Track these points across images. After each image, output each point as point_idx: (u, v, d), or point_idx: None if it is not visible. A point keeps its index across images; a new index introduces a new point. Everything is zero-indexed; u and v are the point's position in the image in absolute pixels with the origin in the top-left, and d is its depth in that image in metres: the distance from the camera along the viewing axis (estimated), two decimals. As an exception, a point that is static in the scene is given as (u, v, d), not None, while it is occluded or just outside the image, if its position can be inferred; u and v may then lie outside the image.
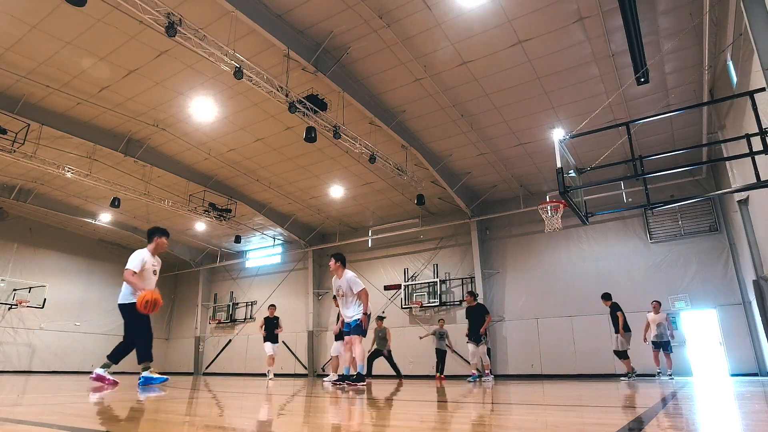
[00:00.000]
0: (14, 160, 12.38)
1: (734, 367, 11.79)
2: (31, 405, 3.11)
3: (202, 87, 10.93)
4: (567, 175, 6.79)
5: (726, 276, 12.49)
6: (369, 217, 18.29)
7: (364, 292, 6.77)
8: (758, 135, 5.89)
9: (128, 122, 12.40)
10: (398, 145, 12.72)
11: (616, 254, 14.16)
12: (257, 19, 8.59)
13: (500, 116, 11.64)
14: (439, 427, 2.16)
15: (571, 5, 8.40)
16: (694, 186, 13.14)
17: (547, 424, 2.24)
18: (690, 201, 12.61)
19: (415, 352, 16.32)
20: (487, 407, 3.29)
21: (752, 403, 3.50)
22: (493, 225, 16.38)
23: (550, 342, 14.32)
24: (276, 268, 21.31)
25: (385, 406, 3.42)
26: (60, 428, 1.96)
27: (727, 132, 9.43)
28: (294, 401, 3.89)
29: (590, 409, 3.11)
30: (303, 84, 10.45)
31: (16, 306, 17.65)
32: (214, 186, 15.72)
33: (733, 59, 8.15)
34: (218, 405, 3.37)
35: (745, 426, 2.20)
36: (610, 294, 11.17)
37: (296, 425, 2.27)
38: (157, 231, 5.98)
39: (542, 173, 14.37)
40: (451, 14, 8.68)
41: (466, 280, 16.22)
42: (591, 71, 9.98)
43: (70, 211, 17.51)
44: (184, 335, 23.31)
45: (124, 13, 8.41)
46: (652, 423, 2.21)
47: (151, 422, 2.24)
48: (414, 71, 10.21)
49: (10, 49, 9.68)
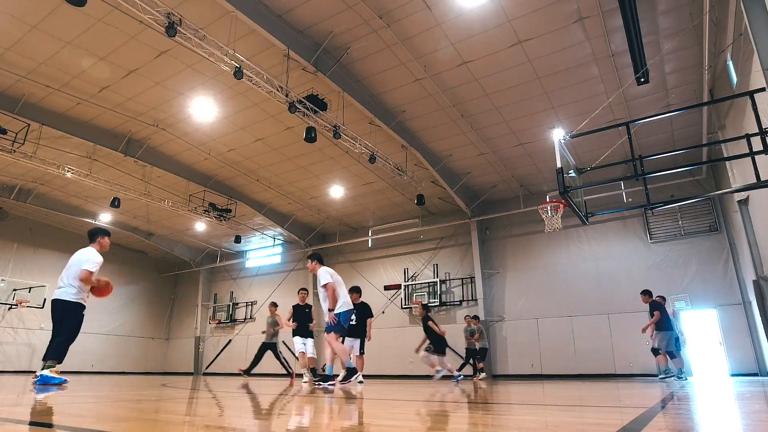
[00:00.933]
0: (14, 160, 12.38)
1: (734, 367, 11.79)
2: (31, 405, 3.11)
3: (202, 87, 10.93)
4: (567, 175, 6.79)
5: (726, 276, 12.49)
6: (369, 217, 18.30)
7: (328, 286, 6.70)
8: (758, 135, 5.88)
9: (128, 122, 12.40)
10: (398, 145, 12.72)
11: (616, 254, 14.16)
12: (257, 19, 8.59)
13: (500, 116, 11.64)
14: (439, 427, 2.16)
15: (571, 5, 8.40)
16: (694, 186, 13.14)
17: (547, 424, 2.24)
18: (690, 201, 12.61)
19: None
20: (486, 407, 3.30)
21: (752, 403, 3.50)
22: (493, 225, 16.38)
23: (550, 342, 14.32)
24: (276, 268, 21.31)
25: (384, 405, 3.42)
26: (60, 428, 1.96)
27: (727, 132, 9.43)
28: (294, 401, 3.89)
29: (590, 409, 3.11)
30: (303, 84, 10.45)
31: (16, 306, 17.66)
32: (214, 186, 15.72)
33: (733, 59, 8.15)
34: (218, 405, 3.37)
35: (745, 426, 2.20)
36: (650, 291, 10.44)
37: (296, 425, 2.27)
38: (100, 231, 6.10)
39: (542, 173, 14.37)
40: (451, 14, 8.68)
41: (466, 280, 16.22)
42: (591, 71, 9.98)
43: (70, 211, 17.51)
44: (184, 335, 23.31)
45: (124, 13, 8.41)
46: (652, 423, 2.21)
47: (151, 422, 2.24)
48: (414, 71, 10.21)
49: (10, 49, 9.68)
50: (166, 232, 20.64)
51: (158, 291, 23.86)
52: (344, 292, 6.96)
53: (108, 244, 6.09)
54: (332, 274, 6.92)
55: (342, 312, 6.78)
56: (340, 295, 6.86)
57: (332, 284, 6.76)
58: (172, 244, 21.84)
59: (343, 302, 6.85)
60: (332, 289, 6.73)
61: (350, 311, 6.98)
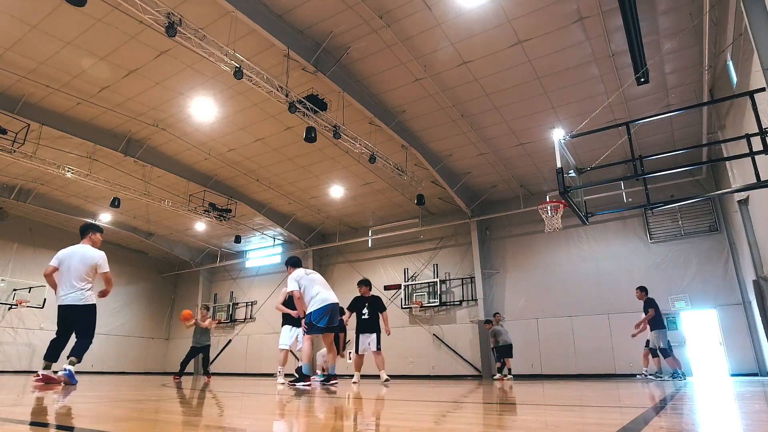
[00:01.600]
0: (14, 160, 12.38)
1: (734, 367, 11.79)
2: (31, 405, 3.11)
3: (202, 87, 10.93)
4: (567, 175, 6.79)
5: (726, 276, 12.49)
6: (369, 217, 18.30)
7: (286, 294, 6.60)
8: (758, 135, 5.88)
9: (128, 122, 12.40)
10: (398, 145, 12.72)
11: (616, 254, 14.16)
12: (257, 19, 8.59)
13: (500, 116, 11.64)
14: (440, 426, 2.16)
15: (571, 5, 8.40)
16: (694, 186, 13.14)
17: (547, 424, 2.24)
18: (690, 201, 12.61)
19: (415, 351, 16.35)
20: (486, 407, 3.30)
21: (752, 403, 3.50)
22: (493, 225, 16.38)
23: (550, 342, 14.31)
24: (276, 268, 21.29)
25: (381, 405, 3.42)
26: (60, 428, 1.96)
27: (727, 132, 9.43)
28: (294, 401, 3.89)
29: (590, 409, 3.11)
30: (303, 84, 10.45)
31: (16, 306, 17.66)
32: (214, 186, 15.72)
33: (733, 59, 8.15)
34: (218, 405, 3.38)
35: (745, 426, 2.20)
36: (647, 288, 10.48)
37: (296, 425, 2.27)
38: (91, 227, 6.06)
39: (542, 173, 14.37)
40: (451, 14, 8.68)
41: (466, 280, 16.23)
42: (591, 71, 9.98)
43: (70, 211, 17.51)
44: (184, 335, 23.25)
45: (124, 13, 8.41)
46: (652, 423, 2.21)
47: (151, 422, 2.24)
48: (414, 71, 10.21)
49: (10, 49, 9.68)
50: (166, 232, 20.64)
51: (158, 291, 23.86)
52: (317, 290, 6.57)
53: (100, 240, 6.03)
54: (299, 278, 6.62)
55: (313, 311, 6.44)
56: (311, 294, 6.52)
57: (296, 292, 6.50)
58: (172, 244, 21.84)
59: (316, 300, 6.47)
60: (297, 298, 6.50)
61: (321, 309, 6.44)
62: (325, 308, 6.44)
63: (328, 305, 6.48)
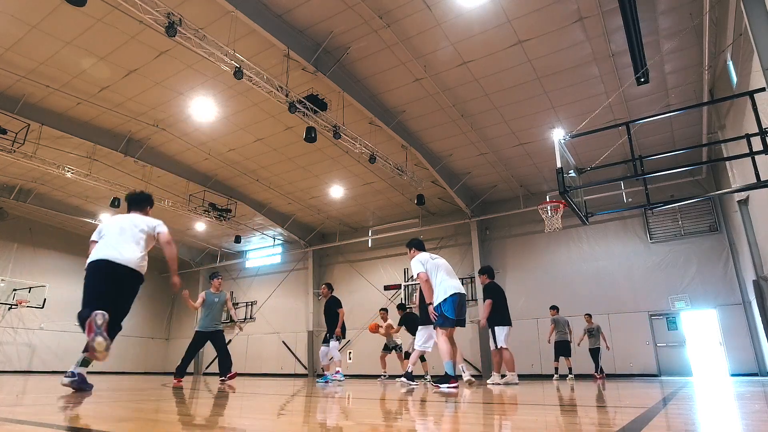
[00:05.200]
0: (14, 160, 12.38)
1: (734, 367, 11.79)
2: (31, 405, 3.10)
3: (202, 87, 10.93)
4: (567, 175, 6.79)
5: (726, 276, 12.49)
6: (369, 217, 18.30)
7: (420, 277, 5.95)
8: (758, 135, 5.89)
9: (128, 122, 12.40)
10: (398, 145, 12.72)
11: (616, 254, 14.16)
12: (257, 19, 8.59)
13: (500, 116, 11.64)
14: (439, 427, 2.16)
15: (571, 5, 8.40)
16: (694, 186, 13.14)
17: (547, 424, 2.24)
18: (690, 201, 12.61)
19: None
20: (486, 407, 3.29)
21: (752, 403, 3.50)
22: (493, 225, 16.38)
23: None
24: (276, 268, 21.31)
25: (379, 405, 3.42)
26: (60, 428, 1.96)
27: (727, 132, 9.44)
28: (293, 401, 3.89)
29: (590, 409, 3.11)
30: (303, 84, 10.45)
31: (16, 306, 17.64)
32: (214, 186, 15.72)
33: (733, 59, 8.15)
34: (218, 405, 3.37)
35: (745, 426, 2.20)
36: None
37: (295, 425, 2.27)
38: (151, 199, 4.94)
39: (542, 173, 14.37)
40: (451, 14, 8.68)
41: (466, 280, 16.21)
42: (591, 71, 9.98)
43: (70, 211, 17.51)
44: (184, 335, 23.27)
45: (124, 13, 8.41)
46: (652, 423, 2.21)
47: (151, 422, 2.24)
48: (414, 71, 10.21)
49: (10, 49, 9.68)
50: (166, 232, 20.62)
51: (158, 291, 23.81)
52: (442, 277, 5.93)
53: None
54: (425, 261, 6.00)
55: (442, 302, 5.80)
56: (435, 281, 5.89)
57: (423, 274, 5.86)
58: (172, 244, 21.80)
59: (442, 289, 5.85)
60: (424, 281, 5.84)
61: (450, 300, 5.78)
62: (454, 298, 5.81)
63: (456, 295, 5.84)
